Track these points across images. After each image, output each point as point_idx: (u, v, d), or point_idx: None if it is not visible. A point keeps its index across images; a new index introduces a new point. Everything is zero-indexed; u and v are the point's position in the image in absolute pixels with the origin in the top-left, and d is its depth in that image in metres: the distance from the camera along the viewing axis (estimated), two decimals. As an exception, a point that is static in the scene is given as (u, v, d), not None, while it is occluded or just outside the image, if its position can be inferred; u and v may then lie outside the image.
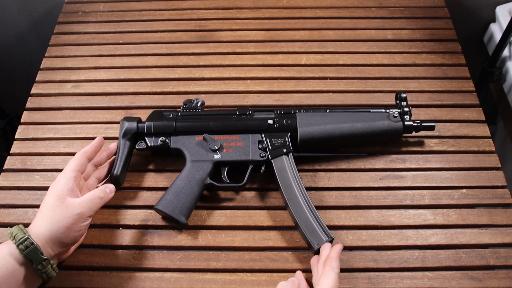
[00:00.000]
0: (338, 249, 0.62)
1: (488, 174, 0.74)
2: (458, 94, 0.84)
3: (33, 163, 0.76)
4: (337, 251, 0.61)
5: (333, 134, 0.72)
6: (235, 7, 0.99)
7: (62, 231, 0.59)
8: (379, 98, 0.83)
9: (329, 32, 0.94)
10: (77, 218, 0.60)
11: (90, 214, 0.61)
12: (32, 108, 0.84)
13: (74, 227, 0.60)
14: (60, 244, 0.60)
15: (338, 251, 0.61)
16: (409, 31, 0.94)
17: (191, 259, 0.66)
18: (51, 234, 0.59)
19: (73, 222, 0.59)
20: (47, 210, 0.60)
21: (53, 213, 0.59)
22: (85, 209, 0.61)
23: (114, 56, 0.91)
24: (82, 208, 0.60)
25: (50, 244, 0.59)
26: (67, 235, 0.59)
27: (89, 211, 0.61)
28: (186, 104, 0.76)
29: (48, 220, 0.59)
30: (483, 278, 0.64)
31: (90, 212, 0.61)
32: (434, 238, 0.67)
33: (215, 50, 0.91)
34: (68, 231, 0.59)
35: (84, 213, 0.61)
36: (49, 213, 0.59)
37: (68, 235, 0.59)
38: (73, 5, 1.00)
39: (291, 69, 0.88)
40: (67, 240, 0.60)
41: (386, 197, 0.71)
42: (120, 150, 0.71)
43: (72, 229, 0.60)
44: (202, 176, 0.69)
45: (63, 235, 0.59)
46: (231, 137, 0.72)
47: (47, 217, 0.59)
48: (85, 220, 0.61)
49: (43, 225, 0.59)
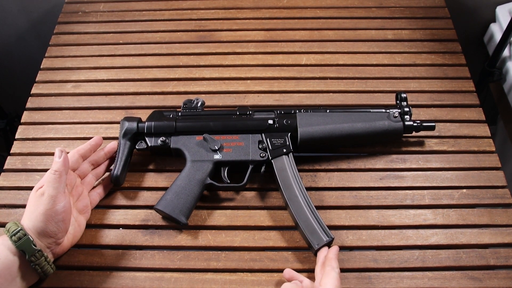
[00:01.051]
0: (335, 250, 0.62)
1: (488, 174, 0.74)
2: (458, 94, 0.84)
3: (33, 163, 0.76)
4: (334, 252, 0.62)
5: (333, 134, 0.72)
6: (235, 7, 0.99)
7: (40, 219, 0.59)
8: (379, 98, 0.83)
9: (329, 32, 0.94)
10: (47, 202, 0.59)
11: (56, 193, 0.60)
12: (32, 108, 0.84)
13: (50, 212, 0.59)
14: (44, 233, 0.59)
15: (335, 252, 0.62)
16: (409, 31, 0.94)
17: (191, 259, 0.66)
18: (33, 224, 0.59)
19: (46, 207, 0.59)
20: (28, 204, 0.61)
21: (30, 205, 0.61)
22: (48, 189, 0.60)
23: (114, 56, 0.91)
24: (46, 190, 0.60)
25: (36, 235, 0.59)
26: (46, 222, 0.59)
27: (54, 190, 0.60)
28: (186, 104, 0.76)
29: (28, 212, 0.60)
30: (483, 278, 0.64)
31: (55, 191, 0.60)
32: (434, 238, 0.67)
33: (215, 50, 0.91)
34: (45, 218, 0.59)
35: (51, 194, 0.59)
36: (28, 206, 0.61)
37: (48, 223, 0.59)
38: (73, 5, 1.00)
39: (291, 69, 0.88)
40: (50, 228, 0.59)
41: (386, 197, 0.71)
42: (120, 150, 0.71)
43: (49, 214, 0.59)
44: (202, 176, 0.69)
45: (42, 223, 0.59)
46: (231, 137, 0.72)
47: (27, 210, 0.61)
48: (58, 201, 0.60)
49: (26, 217, 0.60)
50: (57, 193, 0.60)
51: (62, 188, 0.61)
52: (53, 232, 0.60)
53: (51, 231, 0.60)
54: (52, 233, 0.60)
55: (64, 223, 0.61)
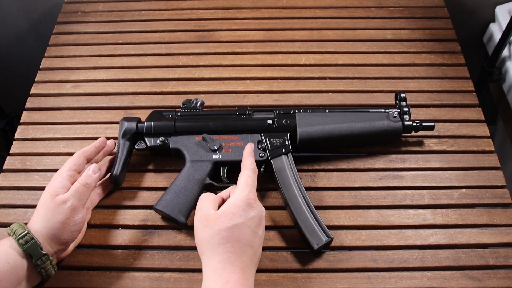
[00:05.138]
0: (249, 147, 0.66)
1: (487, 174, 0.74)
2: (458, 94, 0.84)
3: (32, 163, 0.76)
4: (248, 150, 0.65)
5: (333, 134, 0.72)
6: (234, 7, 0.99)
7: (57, 227, 0.59)
8: (378, 98, 0.83)
9: (329, 32, 0.94)
10: (69, 212, 0.60)
11: (80, 204, 0.61)
12: (32, 108, 0.84)
13: (69, 221, 0.59)
14: (57, 241, 0.60)
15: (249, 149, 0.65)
16: (408, 31, 0.94)
17: (191, 259, 0.66)
18: (48, 231, 0.59)
19: (66, 216, 0.59)
20: (41, 208, 0.60)
21: (47, 210, 0.60)
22: (73, 200, 0.60)
23: (114, 56, 0.91)
24: (70, 200, 0.60)
25: (48, 241, 0.59)
26: (62, 231, 0.59)
27: (78, 202, 0.61)
28: (186, 104, 0.76)
29: (43, 218, 0.59)
30: (483, 278, 0.64)
31: (79, 203, 0.61)
32: (434, 238, 0.67)
33: (215, 50, 0.91)
34: (63, 226, 0.59)
35: (74, 205, 0.60)
36: (43, 211, 0.60)
37: (64, 231, 0.59)
38: (72, 5, 1.00)
39: (291, 69, 0.88)
40: (64, 236, 0.60)
41: (385, 197, 0.71)
42: (120, 150, 0.71)
43: (67, 224, 0.59)
44: (201, 176, 0.69)
45: (58, 231, 0.59)
46: (230, 137, 0.72)
47: (42, 215, 0.60)
48: (78, 212, 0.61)
49: (39, 222, 0.59)
50: (81, 205, 0.61)
51: (85, 200, 0.62)
52: (67, 240, 0.61)
53: (65, 239, 0.60)
54: (65, 241, 0.60)
55: (78, 233, 0.62)
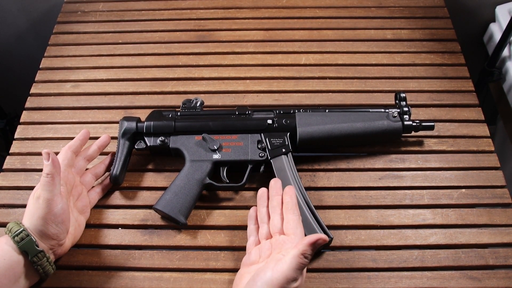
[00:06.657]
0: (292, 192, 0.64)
1: (487, 174, 0.74)
2: (458, 94, 0.84)
3: (32, 163, 0.76)
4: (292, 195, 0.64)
5: (333, 134, 0.72)
6: (234, 6, 0.99)
7: (40, 223, 0.59)
8: (378, 98, 0.83)
9: (329, 32, 0.94)
10: (45, 206, 0.59)
11: (52, 196, 0.59)
12: (32, 108, 0.84)
13: (48, 216, 0.59)
14: (46, 236, 0.59)
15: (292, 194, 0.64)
16: (408, 31, 0.93)
17: (190, 259, 0.66)
18: (34, 227, 0.59)
19: (44, 211, 0.59)
20: (27, 206, 0.61)
21: (29, 207, 0.60)
22: (44, 193, 0.59)
23: (114, 56, 0.91)
24: (42, 194, 0.59)
25: (38, 237, 0.59)
26: (45, 225, 0.59)
27: (49, 193, 0.59)
28: (186, 104, 0.76)
29: (27, 215, 0.60)
30: (482, 278, 0.64)
31: (51, 194, 0.59)
32: (433, 238, 0.67)
33: (215, 50, 0.91)
34: (44, 221, 0.59)
35: (47, 197, 0.59)
36: (28, 209, 0.61)
37: (47, 225, 0.59)
38: (72, 4, 1.00)
39: (291, 69, 0.88)
40: (50, 230, 0.59)
41: (385, 197, 0.71)
42: (119, 150, 0.71)
43: (47, 218, 0.59)
44: (201, 175, 0.69)
45: (42, 226, 0.59)
46: (230, 137, 0.72)
47: (27, 212, 0.60)
48: (55, 204, 0.59)
49: (27, 220, 0.60)
50: (53, 195, 0.59)
51: (58, 190, 0.60)
52: (55, 234, 0.60)
53: (52, 233, 0.60)
54: (53, 235, 0.60)
55: (64, 224, 0.61)
